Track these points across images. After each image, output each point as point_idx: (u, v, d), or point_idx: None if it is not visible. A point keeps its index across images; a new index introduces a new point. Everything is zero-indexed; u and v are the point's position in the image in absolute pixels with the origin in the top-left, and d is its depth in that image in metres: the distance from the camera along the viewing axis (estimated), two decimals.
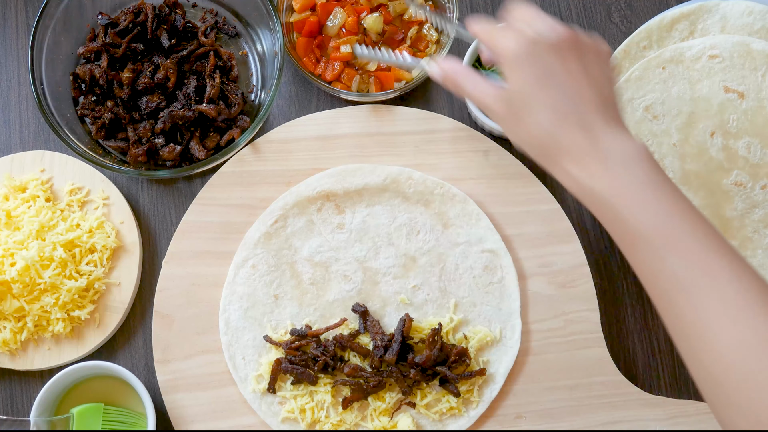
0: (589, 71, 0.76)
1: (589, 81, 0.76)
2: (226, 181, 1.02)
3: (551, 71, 0.75)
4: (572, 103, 0.75)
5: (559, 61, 0.75)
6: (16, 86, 1.07)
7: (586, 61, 0.76)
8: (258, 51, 1.07)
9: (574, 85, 0.75)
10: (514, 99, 0.77)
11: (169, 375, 0.98)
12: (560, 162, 0.75)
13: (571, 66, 0.75)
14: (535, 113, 0.76)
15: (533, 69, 0.75)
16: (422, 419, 0.97)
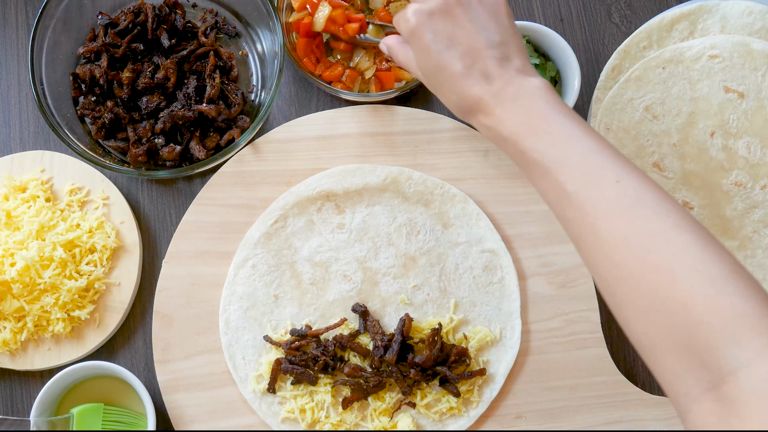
0: (479, 23, 0.79)
1: (480, 33, 0.79)
2: (226, 181, 1.02)
3: (442, 34, 0.79)
4: (469, 58, 0.78)
5: (447, 22, 0.79)
6: (16, 86, 1.07)
7: (472, 14, 0.80)
8: (258, 51, 1.07)
9: (467, 41, 0.79)
10: (425, 72, 0.82)
11: (169, 375, 0.98)
12: (475, 116, 0.80)
13: (460, 23, 0.79)
14: (442, 77, 0.80)
15: (426, 38, 0.79)
16: (422, 419, 0.97)
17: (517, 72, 0.78)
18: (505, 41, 0.80)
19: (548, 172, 0.74)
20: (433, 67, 0.80)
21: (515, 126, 0.76)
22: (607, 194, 0.70)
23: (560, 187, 0.73)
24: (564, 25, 1.08)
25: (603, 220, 0.70)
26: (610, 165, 0.72)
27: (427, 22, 0.80)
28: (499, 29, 0.80)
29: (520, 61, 0.80)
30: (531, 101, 0.76)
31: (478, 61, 0.78)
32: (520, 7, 1.09)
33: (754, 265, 0.97)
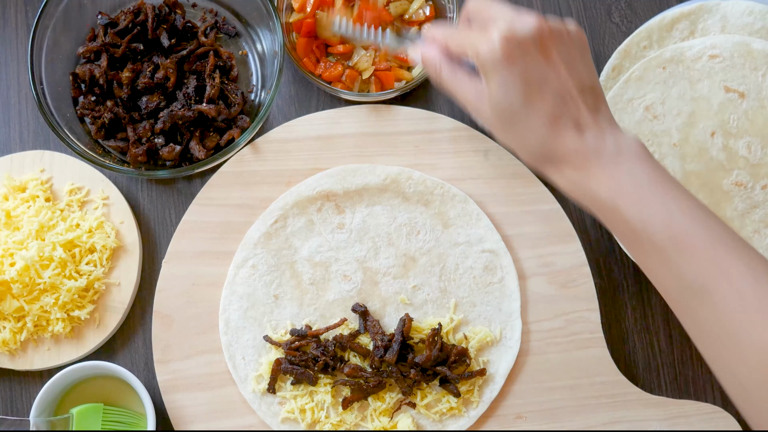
0: (571, 64, 0.72)
1: (573, 75, 0.72)
2: (226, 181, 1.02)
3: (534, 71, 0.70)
4: (562, 104, 0.71)
5: (540, 58, 0.70)
6: (16, 86, 1.07)
7: (566, 53, 0.72)
8: (258, 51, 1.07)
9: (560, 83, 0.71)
10: (500, 106, 0.72)
11: (169, 375, 0.98)
12: (558, 167, 0.72)
13: (553, 61, 0.71)
14: (525, 120, 0.71)
15: (515, 72, 0.70)
16: (422, 419, 0.97)
17: (609, 125, 0.71)
18: (594, 86, 0.73)
19: (663, 253, 0.66)
20: (518, 106, 0.71)
21: (617, 190, 0.68)
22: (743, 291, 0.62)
23: (679, 273, 0.65)
24: None
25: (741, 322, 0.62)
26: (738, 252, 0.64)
27: (518, 53, 0.69)
28: (588, 72, 0.73)
29: (608, 111, 0.73)
30: (633, 163, 0.69)
31: (570, 107, 0.70)
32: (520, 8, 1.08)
33: None
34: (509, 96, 0.71)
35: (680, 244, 0.65)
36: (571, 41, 0.72)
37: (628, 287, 1.03)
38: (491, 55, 0.69)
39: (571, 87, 0.71)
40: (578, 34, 0.74)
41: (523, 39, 0.69)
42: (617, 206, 0.68)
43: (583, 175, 0.70)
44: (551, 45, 0.70)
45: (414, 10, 1.04)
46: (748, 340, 0.62)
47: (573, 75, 0.71)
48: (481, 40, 0.71)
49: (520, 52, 0.69)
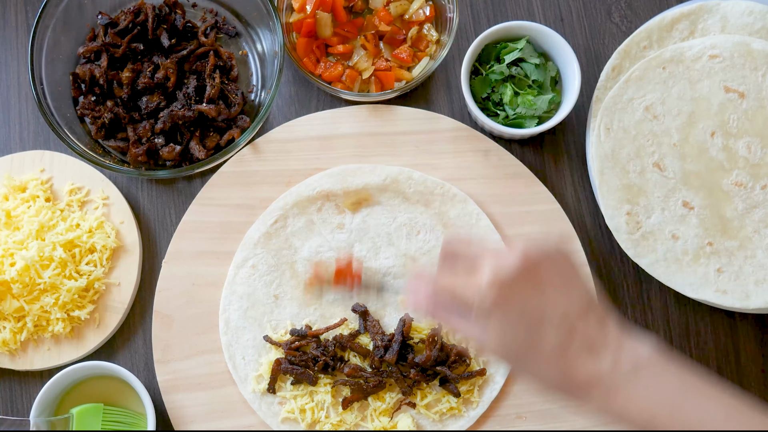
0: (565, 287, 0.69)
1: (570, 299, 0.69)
2: (226, 181, 1.02)
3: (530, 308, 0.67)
4: (567, 334, 0.68)
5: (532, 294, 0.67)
6: (16, 86, 1.07)
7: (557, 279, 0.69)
8: (258, 51, 1.07)
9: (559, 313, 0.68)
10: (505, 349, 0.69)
11: (169, 375, 0.98)
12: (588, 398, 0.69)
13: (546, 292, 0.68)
14: (535, 358, 0.69)
15: (510, 315, 0.67)
16: (422, 419, 0.97)
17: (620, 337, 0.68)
18: (592, 302, 0.69)
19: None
20: (522, 346, 0.68)
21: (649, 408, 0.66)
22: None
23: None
24: (564, 25, 1.08)
25: None
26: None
27: (509, 294, 0.66)
28: (584, 289, 0.70)
29: (613, 321, 0.69)
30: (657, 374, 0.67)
31: (578, 330, 0.68)
32: (521, 7, 1.09)
33: (755, 265, 0.97)
34: (511, 339, 0.68)
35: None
36: (558, 264, 0.70)
37: (628, 287, 1.03)
38: (483, 304, 0.67)
39: (574, 311, 0.68)
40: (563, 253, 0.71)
41: (510, 280, 0.67)
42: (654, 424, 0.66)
43: (612, 403, 0.67)
44: (540, 276, 0.68)
45: (414, 10, 1.04)
46: None
47: (571, 298, 0.69)
48: (468, 288, 0.68)
49: (511, 294, 0.67)
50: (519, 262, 0.67)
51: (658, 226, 0.97)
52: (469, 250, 0.71)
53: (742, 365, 1.02)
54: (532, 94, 1.00)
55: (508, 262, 0.67)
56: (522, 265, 0.67)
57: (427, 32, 1.05)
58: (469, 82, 1.00)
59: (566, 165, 1.05)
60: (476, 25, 1.08)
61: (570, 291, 0.69)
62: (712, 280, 0.97)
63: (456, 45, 1.07)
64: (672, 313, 1.03)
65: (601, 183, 0.98)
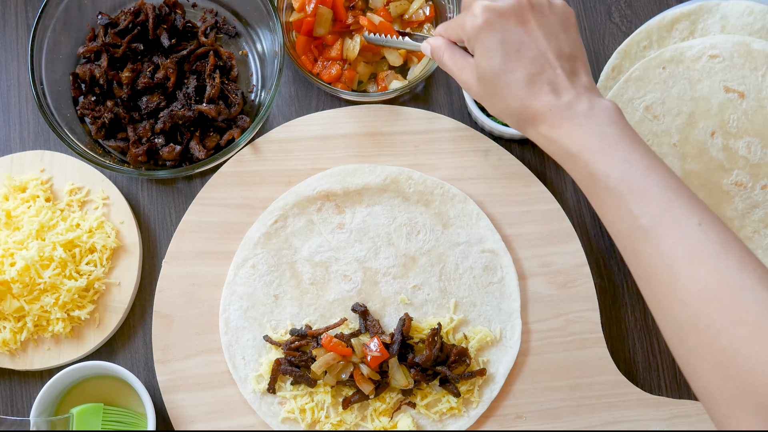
0: (550, 33, 0.77)
1: (551, 43, 0.77)
2: (226, 181, 1.02)
3: (513, 38, 0.76)
4: (539, 67, 0.76)
5: (519, 26, 0.77)
6: (16, 86, 1.07)
7: (545, 23, 0.77)
8: (258, 51, 1.07)
9: (537, 50, 0.77)
10: (484, 73, 0.79)
11: (169, 375, 0.98)
12: (536, 126, 0.78)
13: (532, 29, 0.77)
14: (505, 83, 0.77)
15: (494, 39, 0.77)
16: (422, 419, 0.97)
17: (586, 89, 0.77)
18: (574, 55, 0.78)
19: (622, 202, 0.71)
20: (497, 70, 0.77)
21: (586, 144, 0.74)
22: (689, 236, 0.67)
23: (634, 220, 0.70)
24: None
25: (683, 264, 0.66)
26: (692, 206, 0.69)
27: (498, 21, 0.76)
28: (569, 41, 0.78)
29: (588, 78, 0.78)
30: (605, 123, 0.74)
31: (547, 71, 0.76)
32: None
33: None
34: (490, 61, 0.77)
35: (635, 189, 0.71)
36: (552, 14, 0.78)
37: (628, 287, 1.03)
38: (473, 25, 0.77)
39: (548, 53, 0.77)
40: (562, 7, 0.80)
41: (502, 9, 0.76)
42: (582, 157, 0.74)
43: (558, 131, 0.76)
44: (530, 15, 0.77)
45: (414, 10, 1.04)
46: (686, 278, 0.66)
47: (551, 43, 0.77)
48: (467, 15, 0.79)
49: (500, 21, 0.76)
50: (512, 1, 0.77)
51: None
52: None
53: None
54: None
55: None
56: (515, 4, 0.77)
57: (427, 32, 1.05)
58: None
59: None
60: None
61: (555, 37, 0.77)
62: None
63: None
64: None
65: None
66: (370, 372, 0.93)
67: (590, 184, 0.75)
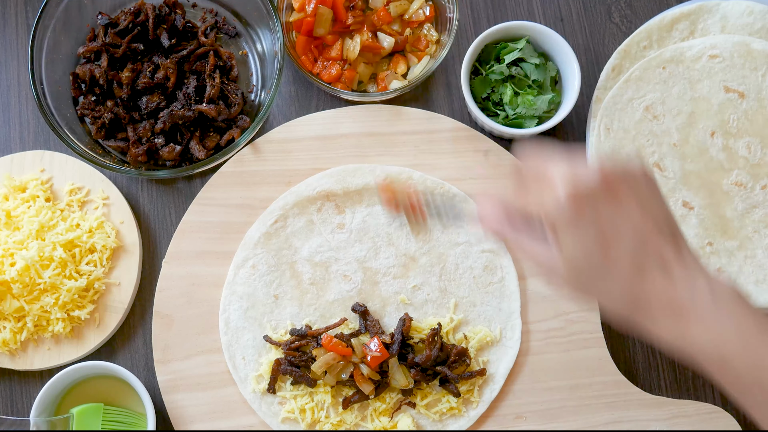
0: (642, 204, 0.67)
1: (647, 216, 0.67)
2: (226, 181, 1.02)
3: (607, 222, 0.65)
4: (642, 249, 0.66)
5: (610, 207, 0.65)
6: (16, 86, 1.07)
7: (635, 195, 0.67)
8: (258, 51, 1.07)
9: (635, 228, 0.66)
10: (577, 263, 0.67)
11: (169, 375, 0.98)
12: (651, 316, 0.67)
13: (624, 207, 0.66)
14: (607, 273, 0.66)
15: (587, 227, 0.65)
16: (422, 419, 0.97)
17: (696, 265, 0.66)
18: (671, 224, 0.68)
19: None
20: (595, 260, 0.66)
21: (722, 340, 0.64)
22: None
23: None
24: (564, 25, 1.08)
25: None
26: None
27: (588, 207, 0.64)
28: (663, 211, 0.68)
29: (692, 253, 0.68)
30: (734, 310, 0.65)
31: (652, 250, 0.66)
32: (521, 7, 1.09)
33: (754, 265, 0.97)
34: (586, 252, 0.66)
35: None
36: (637, 181, 0.68)
37: None
38: (560, 215, 0.65)
39: (649, 228, 0.66)
40: (642, 171, 0.69)
41: (588, 192, 0.65)
42: (724, 357, 0.64)
43: (683, 323, 0.65)
44: (618, 190, 0.66)
45: (414, 10, 1.04)
46: None
47: (647, 216, 0.66)
48: (545, 200, 0.66)
49: (589, 206, 0.65)
50: (597, 177, 0.65)
51: None
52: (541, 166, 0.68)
53: None
54: (532, 94, 1.00)
55: (585, 176, 0.65)
56: (600, 179, 0.65)
57: (427, 32, 1.05)
58: (469, 82, 1.00)
59: None
60: (476, 25, 1.08)
61: (647, 209, 0.67)
62: (713, 272, 0.97)
63: (456, 45, 1.07)
64: None
65: None
66: (370, 372, 0.93)
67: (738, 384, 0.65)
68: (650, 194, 0.68)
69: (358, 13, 1.03)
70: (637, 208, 0.66)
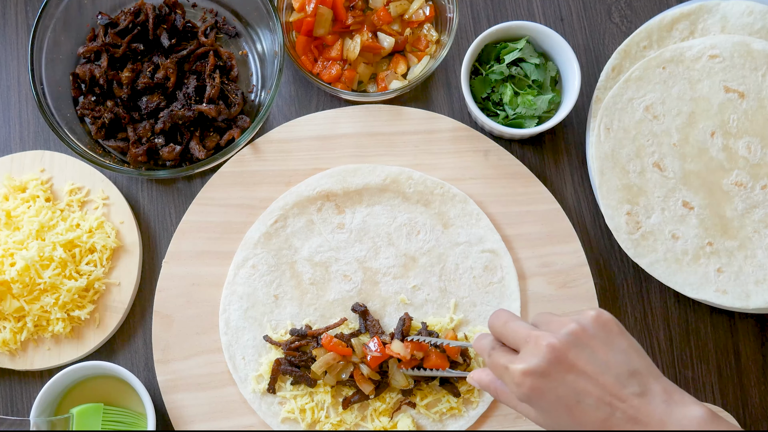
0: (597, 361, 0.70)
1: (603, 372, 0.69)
2: (226, 181, 1.02)
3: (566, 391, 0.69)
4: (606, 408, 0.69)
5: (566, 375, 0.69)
6: (16, 86, 1.07)
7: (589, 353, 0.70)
8: (258, 51, 1.07)
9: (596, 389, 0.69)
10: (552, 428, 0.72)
11: (169, 375, 0.98)
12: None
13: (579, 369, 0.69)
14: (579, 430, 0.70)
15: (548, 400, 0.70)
16: (422, 419, 0.97)
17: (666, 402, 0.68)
18: (634, 369, 0.70)
19: None
20: (566, 425, 0.70)
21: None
22: None
23: None
24: (564, 25, 1.08)
25: None
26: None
27: (543, 384, 0.69)
28: (623, 357, 0.70)
29: (660, 384, 0.70)
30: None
31: (617, 407, 0.68)
32: (521, 7, 1.09)
33: (754, 265, 0.97)
34: (555, 420, 0.71)
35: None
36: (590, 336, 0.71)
37: (628, 287, 1.03)
38: (519, 391, 0.71)
39: (609, 386, 0.69)
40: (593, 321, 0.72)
41: (541, 368, 0.69)
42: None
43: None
44: (572, 355, 0.70)
45: (414, 10, 1.04)
46: None
47: (606, 373, 0.69)
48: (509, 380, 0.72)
49: (545, 381, 0.69)
50: (546, 352, 0.70)
51: (658, 226, 0.97)
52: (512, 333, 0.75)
53: (742, 365, 1.02)
54: (532, 94, 1.00)
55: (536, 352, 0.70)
56: (550, 352, 0.69)
57: (427, 32, 1.05)
58: (469, 82, 1.00)
59: (566, 165, 1.05)
60: (476, 25, 1.08)
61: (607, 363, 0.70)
62: (712, 280, 0.97)
63: (456, 45, 1.07)
64: (672, 313, 1.03)
65: (601, 183, 0.98)
66: (370, 372, 0.93)
67: None
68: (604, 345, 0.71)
69: (358, 13, 1.03)
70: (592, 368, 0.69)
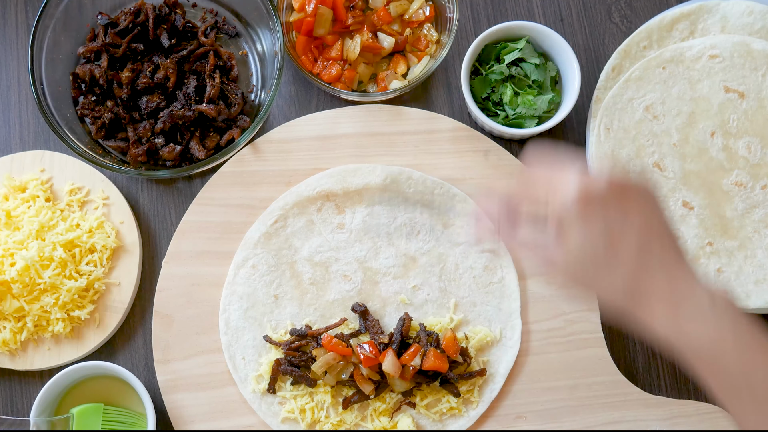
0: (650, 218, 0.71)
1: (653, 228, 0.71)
2: (226, 181, 1.02)
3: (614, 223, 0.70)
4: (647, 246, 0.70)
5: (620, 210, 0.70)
6: (16, 86, 1.07)
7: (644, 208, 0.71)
8: (258, 51, 1.07)
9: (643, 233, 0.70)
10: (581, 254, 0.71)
11: (169, 375, 0.98)
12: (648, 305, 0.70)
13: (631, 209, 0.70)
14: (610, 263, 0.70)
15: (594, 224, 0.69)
16: (422, 419, 0.97)
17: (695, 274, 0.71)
18: (673, 238, 0.72)
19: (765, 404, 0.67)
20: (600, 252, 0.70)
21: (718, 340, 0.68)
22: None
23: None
24: (564, 25, 1.08)
25: None
26: None
27: (596, 211, 0.69)
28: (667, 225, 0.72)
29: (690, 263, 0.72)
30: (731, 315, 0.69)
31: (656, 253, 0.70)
32: (521, 7, 1.09)
33: (755, 265, 0.97)
34: (593, 244, 0.70)
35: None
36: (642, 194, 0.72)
37: None
38: (569, 211, 0.70)
39: (653, 235, 0.71)
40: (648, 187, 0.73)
41: (598, 195, 0.69)
42: (717, 356, 0.68)
43: (680, 319, 0.69)
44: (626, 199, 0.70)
45: (414, 10, 1.04)
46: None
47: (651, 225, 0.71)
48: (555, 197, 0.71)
49: (597, 210, 0.70)
50: (607, 183, 0.70)
51: None
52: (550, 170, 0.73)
53: None
54: (532, 94, 1.00)
55: (595, 180, 0.70)
56: (610, 185, 0.70)
57: (427, 32, 1.05)
58: (469, 82, 1.00)
59: None
60: (476, 25, 1.08)
61: (651, 219, 0.71)
62: (712, 280, 0.97)
63: (456, 45, 1.07)
64: None
65: None
66: (370, 372, 0.93)
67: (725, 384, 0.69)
68: (654, 209, 0.72)
69: (358, 13, 1.03)
70: (642, 216, 0.70)
